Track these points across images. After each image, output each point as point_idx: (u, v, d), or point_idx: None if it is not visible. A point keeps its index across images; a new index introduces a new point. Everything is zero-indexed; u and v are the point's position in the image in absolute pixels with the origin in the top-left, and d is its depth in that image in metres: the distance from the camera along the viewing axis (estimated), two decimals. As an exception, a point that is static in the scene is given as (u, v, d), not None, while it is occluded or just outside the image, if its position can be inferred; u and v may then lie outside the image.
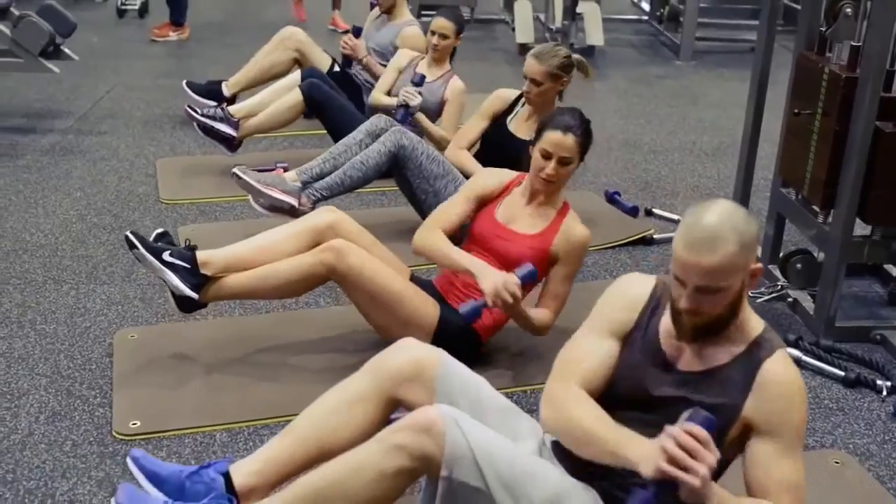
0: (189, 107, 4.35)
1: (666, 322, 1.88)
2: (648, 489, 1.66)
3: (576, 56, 3.57)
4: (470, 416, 1.90)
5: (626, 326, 1.93)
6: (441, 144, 3.96)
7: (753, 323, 1.87)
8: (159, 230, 2.86)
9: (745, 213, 1.79)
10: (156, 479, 2.05)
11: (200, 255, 2.74)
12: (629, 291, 1.97)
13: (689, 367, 1.86)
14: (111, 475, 2.38)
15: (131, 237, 2.70)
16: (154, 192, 4.22)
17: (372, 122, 3.72)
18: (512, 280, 2.59)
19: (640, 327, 1.92)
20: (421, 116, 4.06)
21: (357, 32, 4.60)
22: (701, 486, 1.63)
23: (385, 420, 2.06)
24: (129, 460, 2.08)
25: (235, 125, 4.30)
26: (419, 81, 4.07)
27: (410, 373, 2.05)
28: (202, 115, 4.26)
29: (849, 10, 3.05)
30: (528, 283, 2.65)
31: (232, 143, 4.34)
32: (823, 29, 3.21)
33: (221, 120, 4.29)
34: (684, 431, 1.64)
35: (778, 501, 1.80)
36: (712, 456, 1.64)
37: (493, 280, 2.59)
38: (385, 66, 4.50)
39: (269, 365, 2.88)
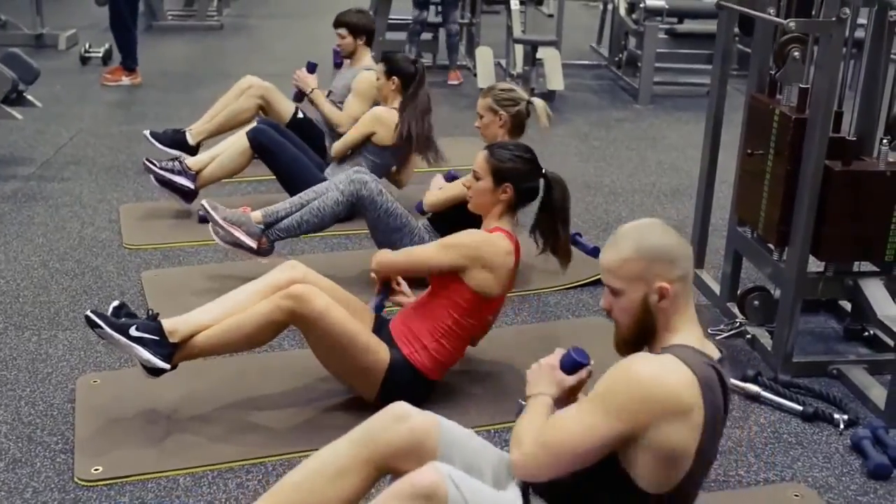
0: (147, 160, 4.37)
1: None
2: None
3: (533, 98, 3.65)
4: (464, 472, 1.89)
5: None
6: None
7: (678, 339, 1.90)
8: (115, 303, 2.77)
9: (665, 231, 1.92)
10: None
11: (166, 323, 2.70)
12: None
13: None
14: (73, 522, 2.36)
15: (93, 317, 2.64)
16: (117, 238, 4.21)
17: (347, 173, 3.71)
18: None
19: None
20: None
21: (311, 68, 4.67)
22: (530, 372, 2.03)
23: (371, 487, 2.02)
24: None
25: (193, 178, 4.33)
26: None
27: (410, 447, 1.99)
28: (161, 168, 4.28)
29: (797, 53, 3.15)
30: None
31: (189, 196, 4.36)
32: (773, 72, 3.31)
33: (180, 173, 4.31)
34: None
35: (541, 427, 1.89)
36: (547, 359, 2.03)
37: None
38: (340, 106, 4.64)
39: (232, 409, 2.87)
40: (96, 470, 2.55)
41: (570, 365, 2.06)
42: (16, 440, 2.69)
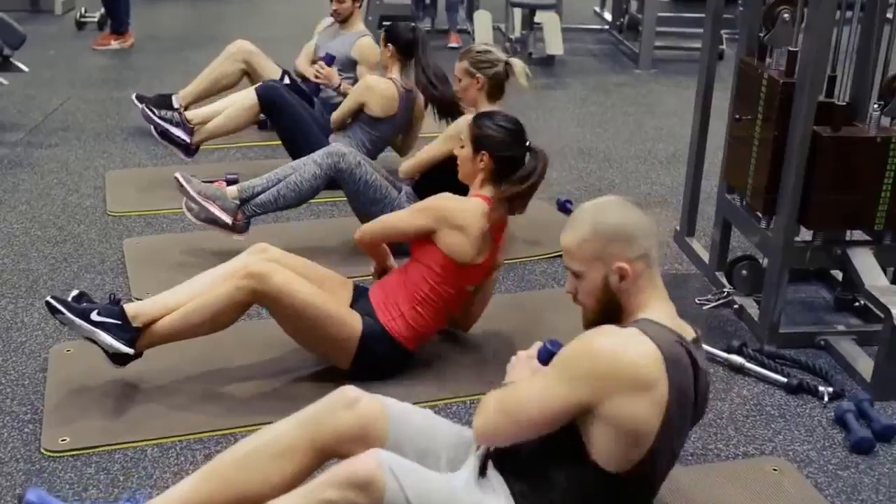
0: (147, 107, 4.29)
1: None
2: None
3: (511, 59, 3.57)
4: (416, 458, 1.86)
5: None
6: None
7: (645, 317, 1.85)
8: (75, 292, 2.72)
9: (624, 209, 1.85)
10: None
11: (129, 308, 2.66)
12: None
13: None
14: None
15: (53, 303, 2.59)
16: (101, 205, 4.16)
17: (327, 150, 3.66)
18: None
19: None
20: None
21: (329, 61, 4.57)
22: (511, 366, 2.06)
23: (313, 471, 1.97)
24: None
25: (190, 131, 4.28)
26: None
27: (358, 432, 1.95)
28: (159, 118, 4.23)
29: (786, 15, 3.06)
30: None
31: (189, 149, 4.30)
32: (762, 34, 3.22)
33: (177, 124, 4.26)
34: None
35: (502, 393, 1.89)
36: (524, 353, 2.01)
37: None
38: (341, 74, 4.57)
39: (204, 379, 2.83)
40: (63, 441, 2.52)
41: (546, 355, 2.02)
42: (-16, 410, 2.66)
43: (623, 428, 1.76)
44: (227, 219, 3.46)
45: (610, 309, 1.85)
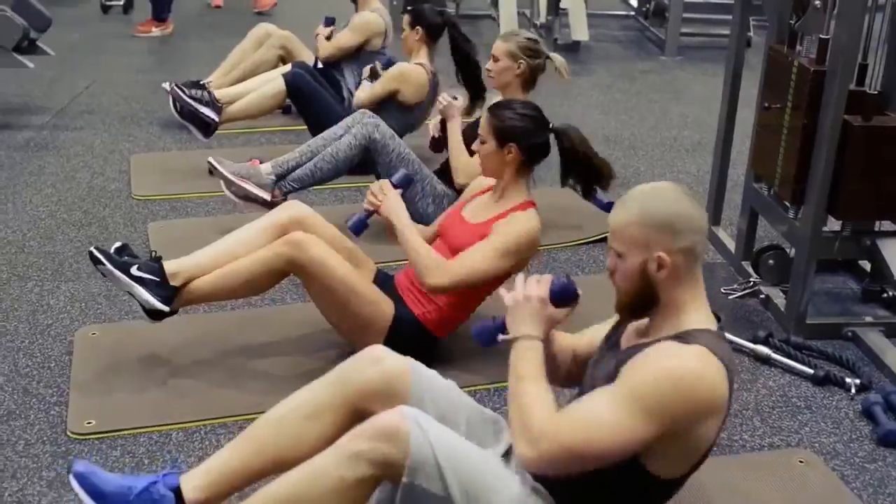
0: (175, 85, 4.28)
1: None
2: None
3: (553, 54, 3.55)
4: (436, 420, 1.85)
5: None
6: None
7: (694, 322, 1.78)
8: (118, 244, 2.77)
9: (678, 198, 1.77)
10: (100, 499, 1.94)
11: (168, 265, 2.69)
12: None
13: (625, 345, 1.88)
14: (62, 475, 2.34)
15: (96, 253, 2.64)
16: (126, 189, 4.18)
17: (353, 117, 3.68)
18: (385, 182, 2.76)
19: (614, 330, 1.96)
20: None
21: (328, 23, 4.62)
22: (512, 305, 1.87)
23: (344, 432, 1.95)
24: (71, 478, 1.96)
25: (219, 110, 4.26)
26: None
27: (382, 387, 1.98)
28: (189, 97, 4.21)
29: (817, 2, 3.01)
30: (402, 185, 2.78)
31: (209, 129, 4.29)
32: (793, 22, 3.18)
33: (207, 104, 4.24)
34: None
35: (548, 421, 1.69)
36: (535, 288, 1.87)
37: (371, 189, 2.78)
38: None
39: (230, 364, 2.84)
40: (89, 423, 2.53)
41: (565, 296, 1.89)
42: (11, 392, 2.68)
43: (690, 446, 1.73)
44: (266, 195, 3.51)
45: (644, 295, 1.79)
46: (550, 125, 2.79)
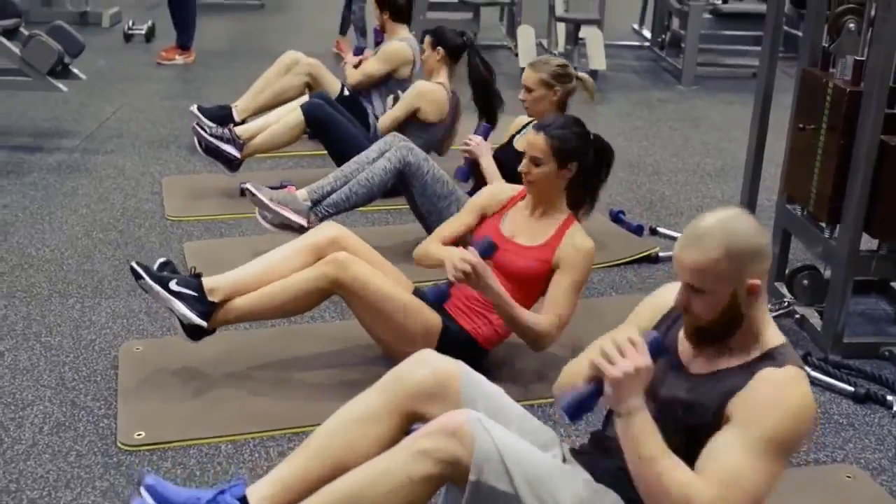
0: (198, 124, 4.35)
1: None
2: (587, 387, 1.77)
3: (581, 73, 3.61)
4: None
5: (647, 327, 1.94)
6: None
7: (771, 337, 1.81)
8: (162, 259, 2.83)
9: (751, 225, 1.75)
10: None
11: (207, 281, 2.73)
12: (658, 297, 2.01)
13: (698, 370, 1.85)
14: (115, 485, 2.36)
15: (136, 267, 2.69)
16: (159, 210, 4.22)
17: (386, 140, 3.72)
18: (467, 252, 2.57)
19: (659, 331, 1.91)
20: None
21: (357, 52, 4.67)
22: (621, 380, 1.70)
23: (403, 435, 2.00)
24: (142, 490, 1.97)
25: (241, 147, 4.31)
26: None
27: (433, 388, 2.00)
28: (210, 135, 4.26)
29: (852, 25, 3.07)
30: (488, 255, 2.64)
31: (233, 164, 4.34)
32: (826, 45, 3.23)
33: (228, 141, 4.29)
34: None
35: (707, 486, 1.66)
36: (640, 358, 1.72)
37: (449, 256, 2.57)
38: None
39: (273, 378, 2.86)
40: (139, 435, 2.55)
41: (659, 353, 1.81)
42: (59, 404, 2.70)
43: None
44: (302, 220, 3.50)
45: (730, 321, 1.78)
46: (591, 136, 2.87)
